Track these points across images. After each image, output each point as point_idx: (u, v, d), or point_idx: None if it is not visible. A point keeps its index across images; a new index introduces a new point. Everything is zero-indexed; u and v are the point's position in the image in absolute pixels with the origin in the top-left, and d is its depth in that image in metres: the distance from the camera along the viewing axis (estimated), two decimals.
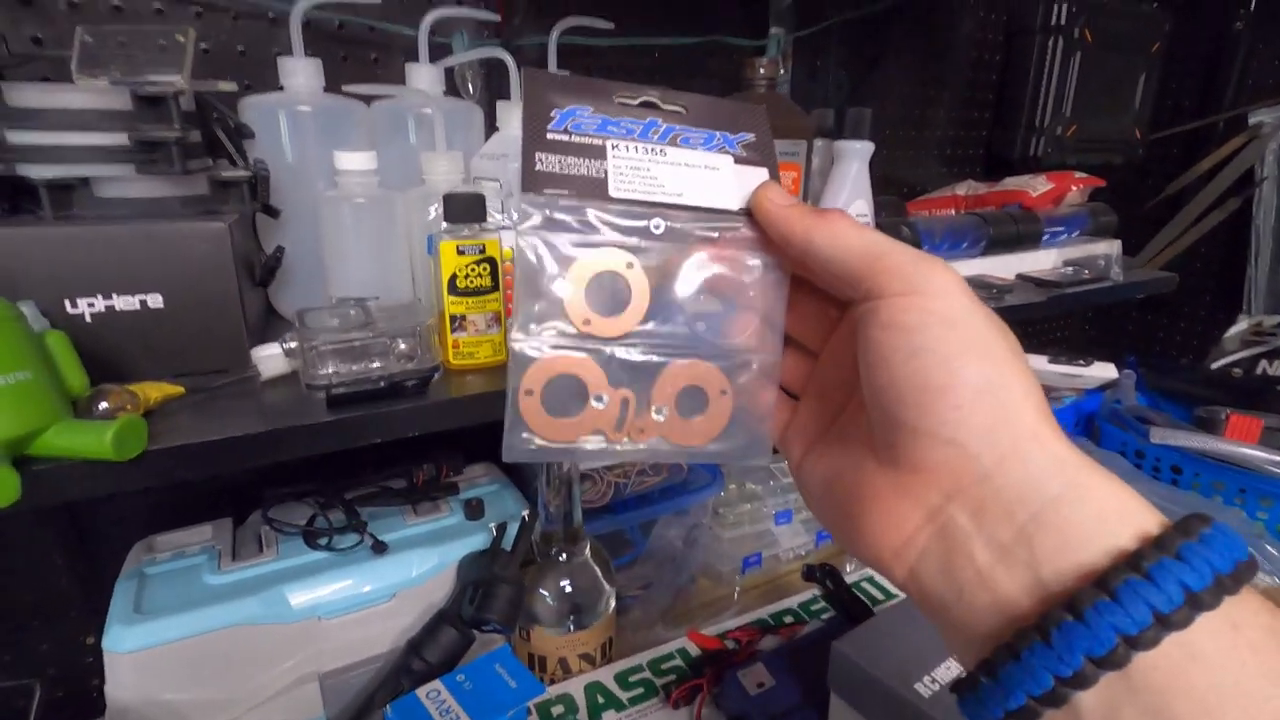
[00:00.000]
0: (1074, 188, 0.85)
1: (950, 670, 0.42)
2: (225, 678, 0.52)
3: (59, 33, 0.53)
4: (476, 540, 0.60)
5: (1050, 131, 1.00)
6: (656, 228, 0.25)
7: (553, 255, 0.24)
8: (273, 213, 0.51)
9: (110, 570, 0.56)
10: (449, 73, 0.62)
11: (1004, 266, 0.77)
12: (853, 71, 0.91)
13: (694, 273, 0.25)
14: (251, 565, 0.56)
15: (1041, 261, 0.81)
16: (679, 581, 0.81)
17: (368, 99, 0.56)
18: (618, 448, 0.25)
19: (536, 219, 0.24)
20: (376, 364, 0.41)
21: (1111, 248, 0.85)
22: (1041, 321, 1.31)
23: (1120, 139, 1.08)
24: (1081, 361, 0.97)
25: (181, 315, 0.44)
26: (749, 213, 0.25)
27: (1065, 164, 0.99)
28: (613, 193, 0.24)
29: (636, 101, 0.26)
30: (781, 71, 0.80)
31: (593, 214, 0.24)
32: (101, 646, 0.49)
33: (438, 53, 0.59)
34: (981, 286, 0.69)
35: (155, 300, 0.43)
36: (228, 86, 0.50)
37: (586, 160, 0.25)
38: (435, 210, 0.51)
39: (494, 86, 0.65)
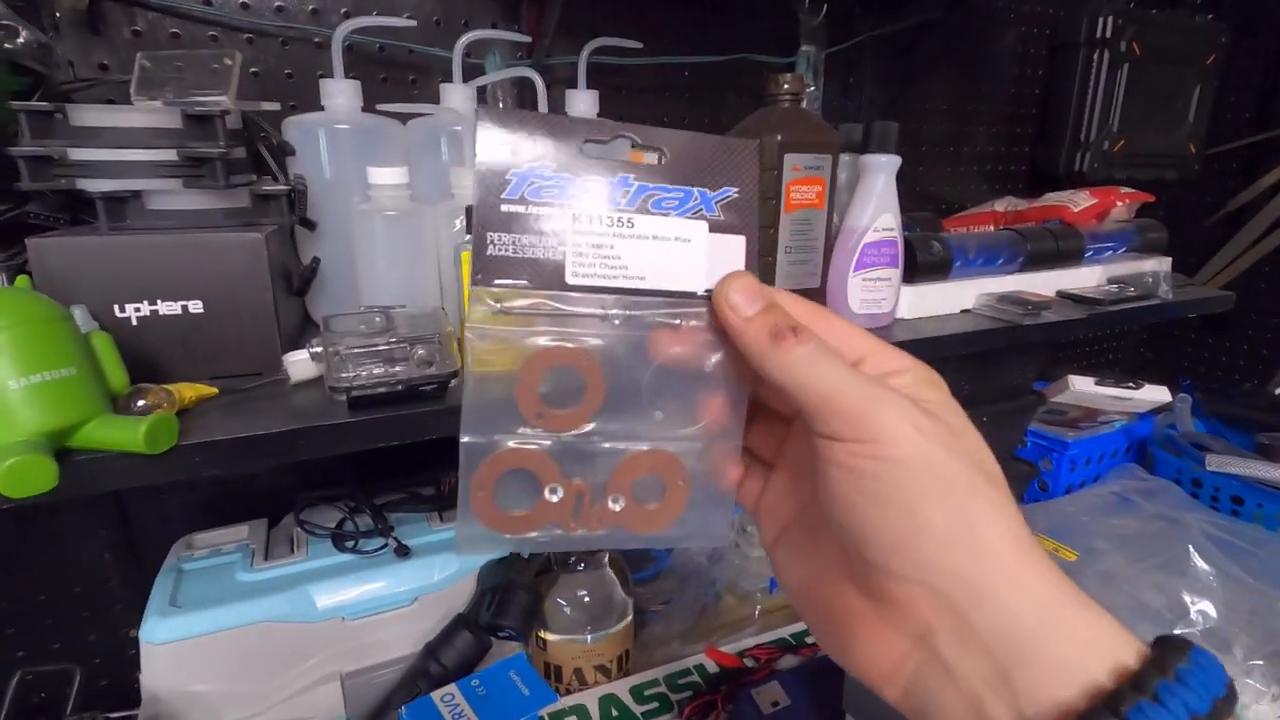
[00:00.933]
0: (1120, 203, 0.82)
1: None
2: (252, 672, 0.54)
3: (123, 59, 0.57)
4: None
5: (1097, 147, 0.97)
6: (615, 319, 0.24)
7: (504, 349, 0.23)
8: (309, 225, 0.54)
9: (154, 567, 0.59)
10: (481, 92, 0.64)
11: (1044, 284, 0.74)
12: (888, 88, 0.90)
13: (653, 360, 0.24)
14: (281, 565, 0.58)
15: (1085, 279, 0.78)
16: (703, 599, 0.80)
17: (404, 118, 0.58)
18: (574, 536, 0.24)
19: (488, 310, 0.23)
20: (397, 369, 0.42)
21: (1160, 265, 0.82)
22: (1091, 343, 1.26)
23: (1174, 154, 1.04)
24: (1132, 384, 0.93)
25: (219, 321, 0.46)
26: None
27: (1113, 179, 0.96)
28: (570, 279, 0.23)
29: (609, 138, 0.24)
30: (811, 88, 0.80)
31: (548, 304, 0.23)
32: (138, 637, 0.52)
33: (472, 73, 0.61)
34: (1017, 303, 0.67)
35: (196, 306, 0.46)
36: (270, 106, 0.53)
37: (542, 239, 0.23)
38: (461, 222, 0.52)
39: (525, 105, 0.67)
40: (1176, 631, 0.72)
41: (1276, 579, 0.71)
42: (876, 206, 0.60)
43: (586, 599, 0.56)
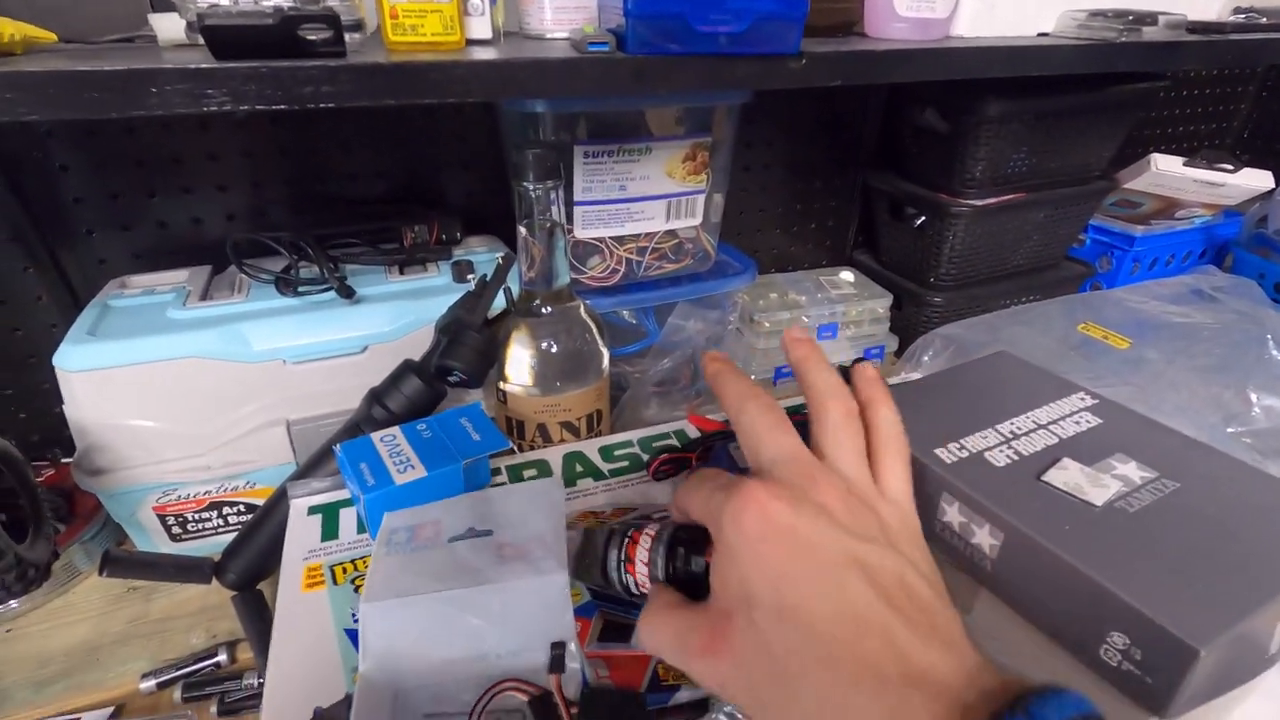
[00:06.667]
0: None
1: (987, 440, 0.33)
2: (186, 411, 0.50)
3: None
4: None
5: None
6: None
7: None
8: None
9: None
10: None
11: (1151, 5, 0.58)
12: None
13: None
14: (215, 305, 0.52)
15: (1201, 8, 0.62)
16: (698, 385, 0.73)
17: None
18: None
19: None
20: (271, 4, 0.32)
21: None
22: (1181, 135, 1.08)
23: None
24: (1228, 166, 0.78)
25: None
26: None
27: None
28: None
29: None
30: None
31: None
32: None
33: None
34: (1116, 16, 0.52)
35: None
36: None
37: None
38: None
39: None
40: (1230, 430, 0.64)
41: None
42: None
43: (553, 349, 0.49)
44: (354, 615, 0.37)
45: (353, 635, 0.35)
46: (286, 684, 0.33)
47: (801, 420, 0.29)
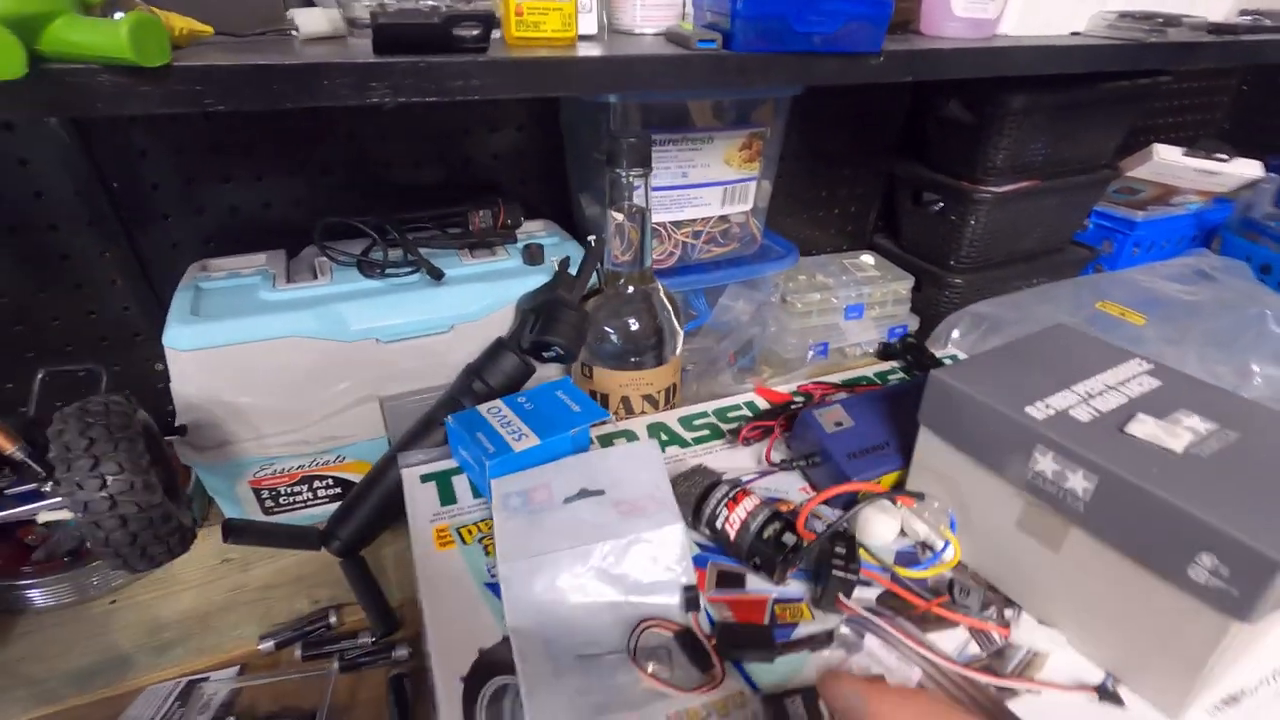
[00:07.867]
0: None
1: (1067, 399, 0.38)
2: (286, 388, 0.52)
3: None
4: (535, 282, 0.57)
5: None
6: None
7: None
8: None
9: (171, 297, 0.55)
10: None
11: (1161, 6, 0.63)
12: None
13: None
14: (307, 287, 0.54)
15: (1213, 10, 0.67)
16: (742, 363, 0.77)
17: None
18: None
19: None
20: (432, 1, 0.34)
21: None
22: (1177, 113, 1.14)
23: None
24: (1222, 156, 0.84)
25: None
26: None
27: None
28: None
29: None
30: None
31: None
32: (163, 343, 0.49)
33: None
34: (1143, 18, 0.57)
35: None
36: None
37: None
38: None
39: None
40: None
41: None
42: None
43: (635, 327, 0.52)
44: (489, 570, 0.40)
45: (493, 588, 0.39)
46: (446, 629, 0.36)
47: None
